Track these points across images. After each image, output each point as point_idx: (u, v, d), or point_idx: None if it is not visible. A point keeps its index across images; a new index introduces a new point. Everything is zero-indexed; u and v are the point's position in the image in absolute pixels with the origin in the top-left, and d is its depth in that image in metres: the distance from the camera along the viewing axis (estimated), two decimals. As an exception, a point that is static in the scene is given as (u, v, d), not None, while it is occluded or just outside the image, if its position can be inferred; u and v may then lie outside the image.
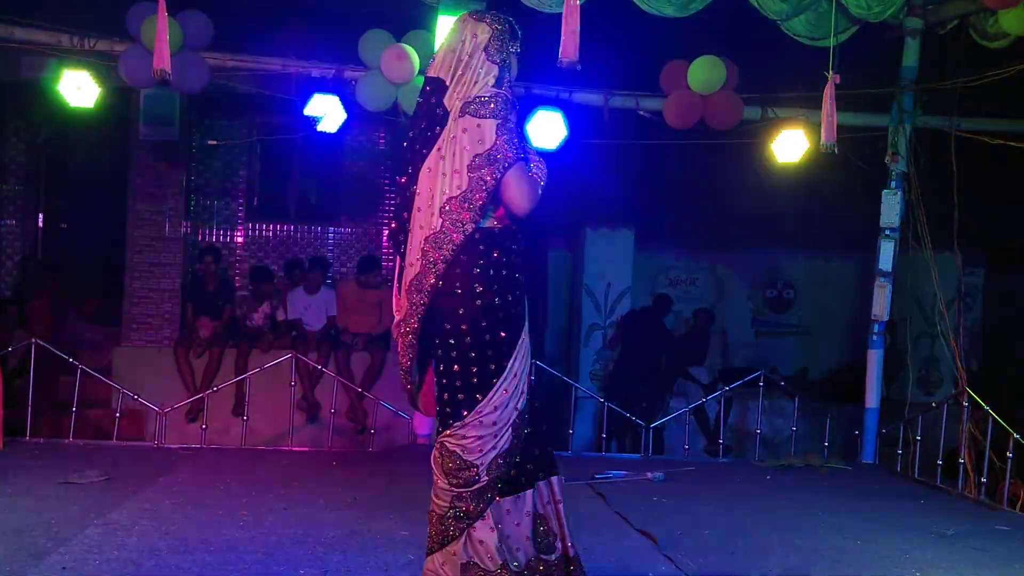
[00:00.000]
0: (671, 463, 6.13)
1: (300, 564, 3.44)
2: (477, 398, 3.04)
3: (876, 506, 5.10)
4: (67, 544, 3.53)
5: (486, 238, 3.07)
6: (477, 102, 3.02)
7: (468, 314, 3.04)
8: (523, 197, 3.03)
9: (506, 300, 3.08)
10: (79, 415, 6.10)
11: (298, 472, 5.27)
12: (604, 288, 8.83)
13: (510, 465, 3.09)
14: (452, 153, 3.02)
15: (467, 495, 3.04)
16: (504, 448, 3.06)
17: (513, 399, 3.07)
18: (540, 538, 3.13)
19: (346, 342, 8.23)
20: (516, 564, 3.08)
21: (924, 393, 8.75)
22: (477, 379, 3.04)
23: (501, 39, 3.11)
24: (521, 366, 3.11)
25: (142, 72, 5.75)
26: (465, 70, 3.07)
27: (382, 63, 6.04)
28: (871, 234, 6.62)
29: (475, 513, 3.05)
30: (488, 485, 3.05)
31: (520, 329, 3.12)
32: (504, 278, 3.08)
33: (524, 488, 3.12)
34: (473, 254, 3.05)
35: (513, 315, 3.10)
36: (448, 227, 3.01)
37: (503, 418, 3.05)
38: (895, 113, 6.51)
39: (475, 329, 3.04)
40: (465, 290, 3.04)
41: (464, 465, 3.04)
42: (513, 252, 3.13)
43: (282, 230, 9.55)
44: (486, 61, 3.08)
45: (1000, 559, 4.02)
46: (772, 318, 10.09)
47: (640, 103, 6.68)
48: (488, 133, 2.99)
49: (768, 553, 3.91)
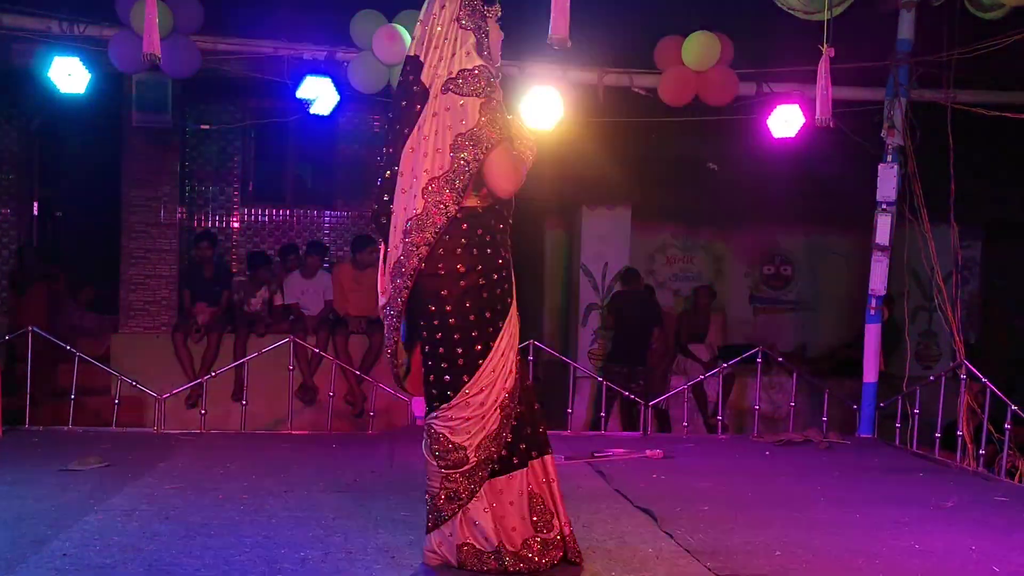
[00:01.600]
0: (670, 440, 6.14)
1: (301, 546, 3.45)
2: (464, 379, 3.04)
3: (875, 479, 5.12)
4: (67, 531, 3.54)
5: (469, 217, 3.03)
6: (460, 77, 2.95)
7: (452, 295, 3.02)
8: (506, 179, 2.99)
9: (491, 280, 3.06)
10: (78, 403, 6.10)
11: (298, 455, 5.28)
12: (602, 267, 8.82)
13: (500, 445, 3.09)
14: (434, 132, 2.97)
15: (457, 476, 3.06)
16: (493, 429, 3.07)
17: (501, 379, 3.07)
18: (536, 516, 3.15)
19: (344, 325, 8.23)
20: (512, 544, 3.10)
21: (922, 366, 8.77)
22: (463, 360, 3.04)
23: (472, 4, 3.02)
24: (508, 346, 3.11)
25: (132, 57, 5.72)
26: (439, 43, 3.00)
27: (374, 44, 6.01)
28: (868, 209, 6.60)
29: (466, 494, 3.07)
30: (478, 465, 3.06)
31: (507, 309, 3.10)
32: (488, 257, 3.06)
33: (517, 467, 3.12)
34: (456, 234, 3.01)
35: (498, 295, 3.08)
36: (431, 209, 2.97)
37: (490, 399, 3.05)
38: (891, 86, 6.47)
39: (459, 310, 3.02)
40: (448, 271, 3.02)
41: (452, 447, 3.05)
42: (498, 231, 3.10)
43: (278, 214, 9.53)
44: (459, 29, 2.99)
45: (999, 530, 4.03)
46: (770, 294, 10.09)
47: (634, 81, 6.65)
48: (471, 112, 2.93)
49: (767, 527, 3.92)
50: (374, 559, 3.32)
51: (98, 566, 3.15)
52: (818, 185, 8.86)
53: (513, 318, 3.14)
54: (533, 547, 3.13)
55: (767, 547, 3.63)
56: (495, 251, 3.08)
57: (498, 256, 3.09)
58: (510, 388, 3.10)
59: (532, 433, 3.18)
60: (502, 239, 3.12)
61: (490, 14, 3.06)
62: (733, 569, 3.33)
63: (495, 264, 3.07)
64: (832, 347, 9.69)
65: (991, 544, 3.78)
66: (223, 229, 9.37)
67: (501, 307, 3.10)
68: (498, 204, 3.10)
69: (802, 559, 3.48)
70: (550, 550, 3.16)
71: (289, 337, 6.47)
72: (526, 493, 3.13)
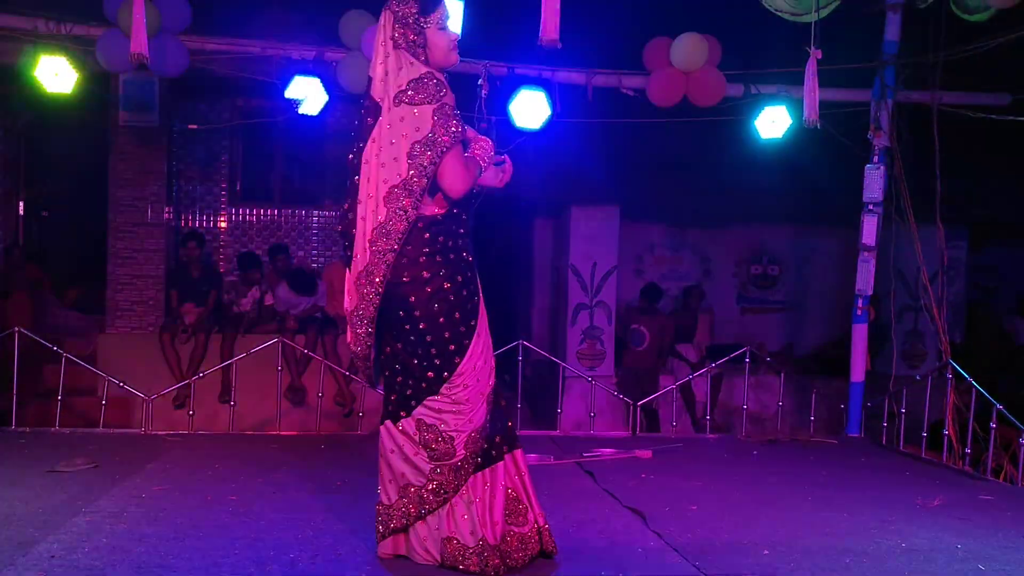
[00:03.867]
0: (659, 440, 6.16)
1: (290, 547, 3.44)
2: (444, 376, 3.15)
3: (862, 478, 5.15)
4: (55, 533, 3.52)
5: (431, 226, 3.14)
6: (410, 88, 3.06)
7: (419, 300, 3.13)
8: (457, 179, 3.09)
9: (456, 283, 3.16)
10: (65, 403, 6.06)
11: (287, 456, 5.27)
12: (590, 267, 8.82)
13: (484, 439, 3.19)
14: (389, 142, 3.08)
15: (444, 468, 3.13)
16: (479, 423, 3.17)
17: (483, 376, 3.19)
18: (511, 509, 3.23)
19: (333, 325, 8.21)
20: (492, 539, 3.16)
21: (909, 366, 8.81)
22: (440, 361, 3.14)
23: (404, 21, 3.12)
24: (483, 344, 3.22)
25: (120, 56, 5.70)
26: (383, 59, 3.13)
27: (363, 44, 5.99)
28: (854, 209, 6.64)
29: (452, 487, 3.14)
30: (465, 459, 3.15)
31: (476, 308, 3.22)
32: (452, 263, 3.17)
33: (496, 461, 3.22)
34: (418, 243, 3.13)
35: (465, 296, 3.18)
36: (392, 216, 3.07)
37: (473, 395, 3.17)
38: (877, 88, 6.52)
39: (428, 314, 3.13)
40: (413, 278, 3.13)
41: (440, 438, 3.14)
42: (459, 236, 3.21)
43: (266, 214, 9.51)
44: (392, 49, 3.12)
45: (984, 528, 4.07)
46: (757, 295, 10.13)
47: (623, 81, 6.67)
48: (425, 119, 3.04)
49: (755, 527, 3.94)
50: (363, 560, 3.32)
51: (87, 568, 3.14)
52: (805, 186, 8.90)
53: (483, 317, 3.24)
54: (512, 542, 3.20)
55: (755, 546, 3.65)
56: (458, 256, 3.19)
57: (460, 260, 3.19)
58: (493, 383, 3.23)
59: (504, 427, 3.28)
60: (464, 243, 3.22)
61: (428, 24, 3.13)
62: (721, 568, 3.34)
63: (459, 267, 3.18)
64: (819, 347, 9.74)
65: (977, 542, 3.81)
66: (211, 229, 9.34)
67: (471, 306, 3.20)
68: (457, 209, 3.20)
69: (790, 558, 3.50)
70: (528, 545, 3.23)
71: (277, 338, 6.46)
72: (502, 487, 3.21)
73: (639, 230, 9.61)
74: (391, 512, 3.24)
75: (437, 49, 3.14)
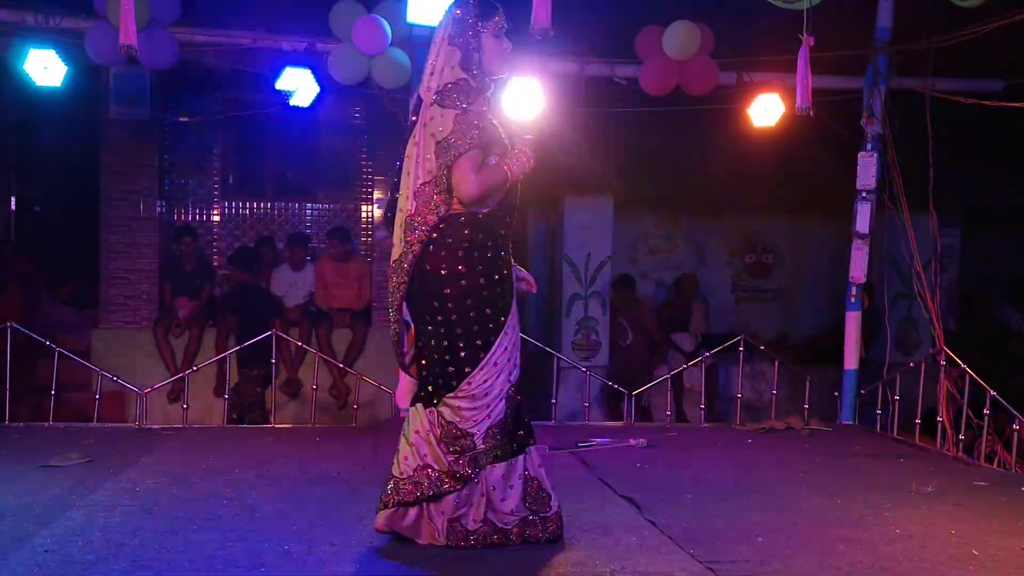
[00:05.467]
0: (654, 429, 6.17)
1: (285, 540, 3.44)
2: (466, 371, 3.28)
3: (856, 466, 5.16)
4: (49, 527, 3.52)
5: (471, 222, 3.29)
6: (444, 90, 3.26)
7: (454, 294, 3.27)
8: (463, 184, 3.22)
9: (491, 280, 3.31)
10: (59, 398, 6.05)
11: (281, 449, 5.27)
12: (584, 258, 8.80)
13: (504, 433, 3.31)
14: (423, 140, 3.28)
15: (464, 461, 3.27)
16: (498, 418, 3.31)
17: (504, 372, 3.32)
18: (533, 497, 3.38)
19: (327, 319, 8.21)
20: (503, 524, 3.31)
21: (903, 354, 8.83)
22: (465, 354, 3.28)
23: (462, 22, 3.32)
24: (511, 341, 3.35)
25: (109, 49, 5.66)
26: (434, 59, 3.34)
27: (354, 35, 5.97)
28: (848, 197, 6.64)
29: (470, 476, 3.28)
30: (484, 451, 3.28)
31: (508, 307, 3.36)
32: (489, 260, 3.31)
33: (516, 454, 3.36)
34: (458, 237, 3.27)
35: (499, 294, 3.33)
36: (422, 209, 3.25)
37: (494, 389, 3.29)
38: (870, 75, 6.51)
39: (460, 308, 3.27)
40: (451, 271, 3.26)
41: (460, 434, 3.29)
42: (499, 236, 3.36)
43: (259, 207, 9.46)
44: (448, 46, 3.31)
45: (978, 514, 4.08)
46: (751, 283, 10.13)
47: (616, 71, 6.65)
48: (448, 121, 3.22)
49: (749, 514, 3.95)
50: (358, 551, 3.33)
51: (81, 562, 3.13)
52: (798, 174, 8.88)
53: (515, 315, 3.38)
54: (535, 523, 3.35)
55: (749, 534, 3.66)
56: (495, 253, 3.34)
57: (498, 258, 3.34)
58: (516, 380, 3.35)
59: (527, 422, 3.43)
60: (503, 242, 3.37)
61: (484, 29, 3.32)
62: (716, 556, 3.35)
63: (496, 265, 3.32)
64: (813, 335, 9.74)
65: (970, 528, 3.83)
66: (203, 222, 9.30)
67: (503, 304, 3.34)
68: (500, 210, 3.35)
69: (784, 545, 3.51)
70: (550, 525, 3.39)
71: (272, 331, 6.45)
72: (524, 477, 3.36)
73: (633, 219, 9.59)
74: (401, 485, 3.31)
75: (490, 55, 3.34)
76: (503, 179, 3.30)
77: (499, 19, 3.36)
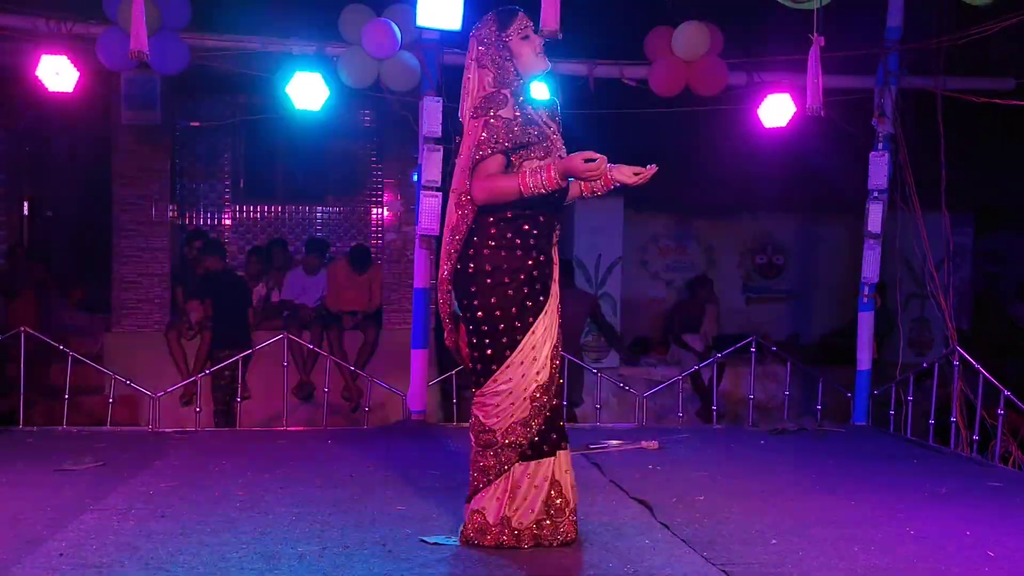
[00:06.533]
0: (665, 431, 6.15)
1: (298, 542, 3.45)
2: (492, 368, 3.35)
3: (869, 467, 5.14)
4: (63, 530, 3.53)
5: (499, 222, 3.34)
6: (479, 104, 3.37)
7: (480, 291, 3.34)
8: (473, 190, 3.32)
9: (517, 280, 3.35)
10: (72, 403, 6.07)
11: (294, 451, 5.28)
12: (595, 259, 8.82)
13: (531, 432, 3.35)
14: (462, 154, 3.42)
15: (488, 454, 3.36)
16: (522, 416, 3.35)
17: (532, 372, 3.35)
18: (552, 501, 3.41)
19: (339, 321, 8.22)
20: (519, 522, 3.35)
21: (916, 354, 8.79)
22: (491, 351, 3.35)
23: (486, 41, 3.42)
24: (541, 340, 3.37)
25: (120, 54, 5.68)
26: (467, 83, 3.46)
27: (363, 39, 5.98)
28: (859, 197, 6.61)
29: (494, 471, 3.35)
30: (505, 447, 3.34)
31: (539, 308, 3.38)
32: (517, 259, 3.35)
33: (546, 455, 3.40)
34: (484, 236, 3.35)
35: (526, 294, 3.36)
36: (459, 220, 3.38)
37: (518, 388, 3.34)
38: (881, 74, 6.48)
39: (487, 307, 3.34)
40: (477, 269, 3.34)
41: (483, 428, 3.37)
42: (531, 236, 3.38)
43: (269, 211, 9.50)
44: (476, 69, 3.43)
45: (992, 515, 4.05)
46: (762, 284, 10.10)
47: (625, 72, 6.63)
48: (477, 131, 3.33)
49: (762, 516, 3.94)
50: (371, 553, 3.33)
51: (95, 565, 3.15)
52: (809, 174, 8.86)
53: (547, 316, 3.39)
54: (547, 524, 3.38)
55: (762, 536, 3.64)
56: (525, 253, 3.36)
57: (528, 258, 3.36)
58: (542, 381, 3.37)
59: (560, 426, 3.47)
60: (536, 243, 3.38)
61: (510, 37, 3.40)
62: (729, 558, 3.34)
63: (524, 265, 3.35)
64: (825, 336, 9.70)
65: (985, 529, 3.80)
66: (215, 226, 9.34)
67: (532, 304, 3.36)
68: (532, 211, 3.36)
69: (797, 547, 3.50)
70: (560, 528, 3.41)
71: (283, 334, 6.47)
72: (550, 480, 3.39)
73: (643, 221, 9.59)
74: None
75: (524, 58, 3.42)
76: (511, 190, 3.27)
77: (521, 20, 3.42)
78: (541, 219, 3.39)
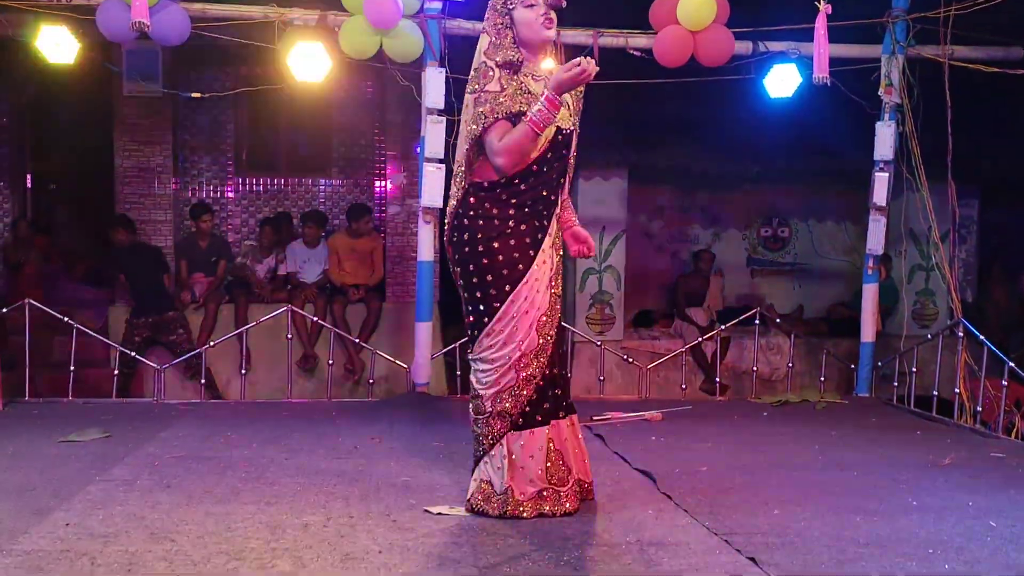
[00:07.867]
0: (669, 403, 6.17)
1: (303, 512, 3.47)
2: (476, 334, 3.39)
3: (873, 438, 5.15)
4: (70, 501, 3.56)
5: (478, 191, 3.36)
6: (471, 78, 3.36)
7: (458, 259, 3.40)
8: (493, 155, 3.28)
9: (490, 248, 3.34)
10: (77, 375, 6.10)
11: (298, 423, 5.30)
12: (599, 232, 8.79)
13: (521, 402, 3.36)
14: (462, 130, 3.44)
15: (480, 421, 3.40)
16: (509, 385, 3.35)
17: (514, 340, 3.34)
18: (554, 471, 3.42)
19: (342, 294, 8.23)
20: (522, 492, 3.36)
21: (920, 325, 8.77)
22: (473, 318, 3.39)
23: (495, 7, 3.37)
24: (522, 310, 3.35)
25: (121, 25, 5.66)
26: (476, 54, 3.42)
27: (365, 8, 5.92)
28: (865, 168, 6.56)
29: (487, 438, 3.39)
30: (495, 415, 3.36)
31: (518, 276, 3.34)
32: (494, 227, 3.34)
33: (540, 424, 3.40)
34: (466, 206, 3.37)
35: (501, 261, 3.34)
36: (457, 191, 3.40)
37: (502, 356, 3.34)
38: (888, 43, 6.42)
39: (464, 273, 3.38)
40: (457, 239, 3.39)
41: (475, 394, 3.42)
42: (509, 204, 3.35)
43: (272, 183, 9.46)
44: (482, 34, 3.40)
45: (994, 485, 4.06)
46: (767, 256, 10.07)
47: (629, 41, 6.57)
48: (468, 106, 3.36)
49: (765, 487, 3.95)
50: (376, 523, 3.35)
51: (101, 535, 3.17)
52: (815, 145, 8.80)
53: (528, 284, 3.36)
54: (549, 496, 3.39)
55: (765, 506, 3.65)
56: (503, 222, 3.35)
57: (505, 227, 3.34)
58: (528, 349, 3.36)
59: (560, 394, 3.47)
60: (515, 213, 3.36)
61: (513, 4, 3.34)
62: (731, 528, 3.35)
63: (501, 231, 3.33)
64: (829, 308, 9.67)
65: (988, 500, 3.81)
66: (217, 199, 9.32)
67: (508, 272, 3.34)
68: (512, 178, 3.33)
69: (800, 518, 3.51)
70: (563, 499, 3.41)
71: (287, 307, 6.47)
72: (546, 450, 3.39)
73: (648, 193, 9.53)
74: None
75: (524, 25, 3.34)
76: (527, 135, 3.22)
77: None
78: (523, 187, 3.35)
